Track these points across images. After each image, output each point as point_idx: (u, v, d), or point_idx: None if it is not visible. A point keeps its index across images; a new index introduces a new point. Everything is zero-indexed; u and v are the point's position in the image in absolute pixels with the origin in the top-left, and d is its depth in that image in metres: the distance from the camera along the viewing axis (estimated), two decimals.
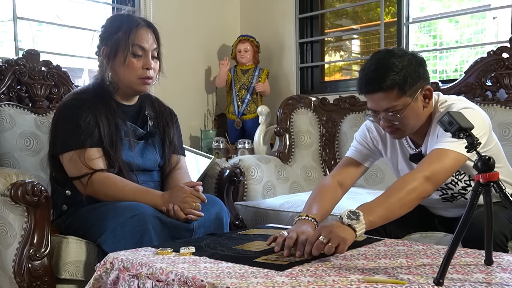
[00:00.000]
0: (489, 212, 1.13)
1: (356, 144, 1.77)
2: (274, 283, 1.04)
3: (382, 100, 1.49)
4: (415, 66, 1.49)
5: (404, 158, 1.70)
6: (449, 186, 1.64)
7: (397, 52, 1.51)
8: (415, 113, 1.52)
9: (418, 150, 1.65)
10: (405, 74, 1.46)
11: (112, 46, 1.75)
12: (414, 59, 1.50)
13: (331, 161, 2.91)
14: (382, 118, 1.53)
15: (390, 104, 1.49)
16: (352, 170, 1.73)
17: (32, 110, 2.22)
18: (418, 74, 1.49)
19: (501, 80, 2.37)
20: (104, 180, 1.68)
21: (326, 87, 3.53)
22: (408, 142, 1.68)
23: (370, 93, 1.51)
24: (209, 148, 3.27)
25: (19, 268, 1.53)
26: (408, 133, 1.58)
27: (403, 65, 1.47)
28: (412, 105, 1.50)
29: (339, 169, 1.74)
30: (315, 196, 1.61)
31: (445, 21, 3.84)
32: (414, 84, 1.48)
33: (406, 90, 1.47)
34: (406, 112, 1.50)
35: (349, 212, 1.30)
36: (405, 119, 1.51)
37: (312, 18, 3.56)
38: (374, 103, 1.52)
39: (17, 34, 2.64)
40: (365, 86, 1.51)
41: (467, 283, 1.04)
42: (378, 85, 1.47)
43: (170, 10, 3.32)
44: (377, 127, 1.73)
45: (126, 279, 1.23)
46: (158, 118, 1.93)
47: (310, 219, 1.45)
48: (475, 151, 1.10)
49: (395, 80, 1.46)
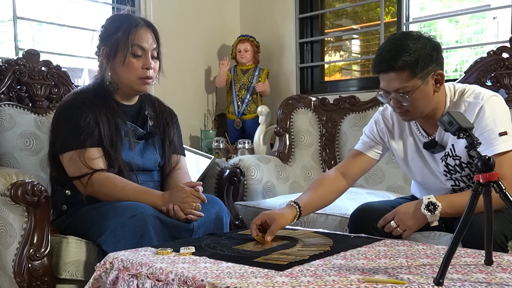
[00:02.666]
0: (489, 212, 1.13)
1: (363, 137, 1.83)
2: (274, 283, 1.04)
3: (393, 81, 1.53)
4: (429, 49, 1.51)
5: (416, 148, 1.72)
6: (464, 180, 1.65)
7: (413, 35, 1.54)
8: (424, 96, 1.54)
9: (430, 138, 1.67)
10: (417, 57, 1.49)
11: (112, 46, 1.75)
12: (429, 42, 1.53)
13: (331, 161, 2.91)
14: (392, 99, 1.56)
15: (400, 85, 1.52)
16: (357, 161, 1.79)
17: (32, 110, 2.22)
18: (430, 58, 1.51)
19: (501, 80, 2.37)
20: (104, 180, 1.68)
21: (326, 87, 3.53)
22: (420, 131, 1.70)
23: (382, 73, 1.55)
24: (209, 148, 3.27)
25: (19, 268, 1.53)
26: (417, 116, 1.61)
27: (416, 48, 1.50)
28: (422, 88, 1.52)
29: (344, 161, 1.82)
30: (311, 186, 1.76)
31: (445, 21, 3.84)
32: (425, 67, 1.51)
33: (417, 72, 1.50)
34: (415, 94, 1.52)
35: (430, 202, 1.46)
36: (414, 101, 1.53)
37: (312, 18, 3.56)
38: (385, 83, 1.56)
39: (17, 34, 2.64)
40: (378, 65, 1.55)
41: (467, 283, 1.04)
42: (390, 65, 1.51)
43: (170, 10, 3.32)
44: (385, 119, 1.78)
45: (125, 279, 1.23)
46: (158, 118, 1.93)
47: (294, 205, 1.61)
48: (475, 151, 1.10)
49: (407, 61, 1.49)
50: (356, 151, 1.81)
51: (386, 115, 1.79)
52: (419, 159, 1.72)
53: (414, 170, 1.76)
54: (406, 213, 1.47)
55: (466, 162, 1.61)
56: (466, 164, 1.62)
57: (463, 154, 1.60)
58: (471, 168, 1.62)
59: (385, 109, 1.81)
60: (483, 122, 1.53)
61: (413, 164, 1.74)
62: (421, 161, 1.72)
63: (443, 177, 1.68)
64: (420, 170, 1.73)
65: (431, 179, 1.72)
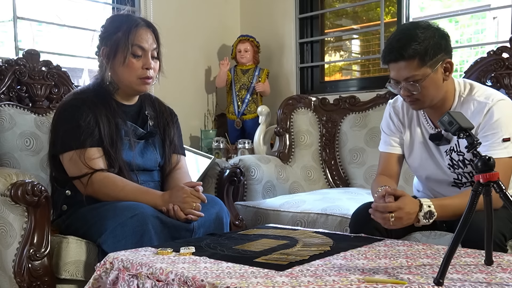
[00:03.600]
0: (489, 212, 1.13)
1: (383, 136, 1.84)
2: (274, 283, 1.04)
3: (403, 69, 1.55)
4: (438, 38, 1.54)
5: (422, 138, 1.73)
6: (466, 176, 1.66)
7: (422, 24, 1.57)
8: (434, 85, 1.57)
9: (437, 130, 1.68)
10: (426, 45, 1.52)
11: (112, 46, 1.75)
12: (438, 32, 1.56)
13: (331, 161, 2.91)
14: (402, 88, 1.59)
15: (410, 74, 1.54)
16: (390, 161, 1.80)
17: (32, 110, 2.22)
18: (439, 46, 1.54)
19: (501, 80, 2.37)
20: (104, 180, 1.68)
21: (326, 87, 3.53)
22: (428, 122, 1.72)
23: (392, 62, 1.57)
24: (209, 148, 3.27)
25: (19, 268, 1.53)
26: (427, 104, 1.62)
27: (425, 36, 1.52)
28: (431, 76, 1.55)
29: (380, 167, 1.82)
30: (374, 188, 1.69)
31: (445, 21, 3.84)
32: (435, 55, 1.53)
33: (427, 61, 1.53)
34: (425, 82, 1.55)
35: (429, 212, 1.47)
36: (424, 89, 1.56)
37: (312, 18, 3.56)
38: (395, 72, 1.58)
39: (17, 34, 2.63)
40: (388, 54, 1.57)
41: (467, 283, 1.04)
42: (400, 54, 1.53)
43: (170, 10, 3.32)
44: (396, 111, 1.80)
45: (125, 279, 1.23)
46: (158, 118, 1.93)
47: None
48: (475, 151, 1.10)
49: (417, 49, 1.51)
50: (383, 154, 1.82)
51: (397, 107, 1.81)
52: (424, 150, 1.73)
53: (418, 161, 1.76)
54: (408, 214, 1.46)
55: (469, 160, 1.62)
56: (469, 161, 1.63)
57: (466, 151, 1.61)
58: (473, 166, 1.62)
59: (395, 101, 1.83)
60: (490, 124, 1.55)
61: (418, 154, 1.75)
62: (427, 152, 1.73)
63: (447, 170, 1.69)
64: (424, 161, 1.74)
65: (435, 170, 1.73)
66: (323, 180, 2.88)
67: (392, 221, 1.45)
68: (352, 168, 2.82)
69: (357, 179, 2.79)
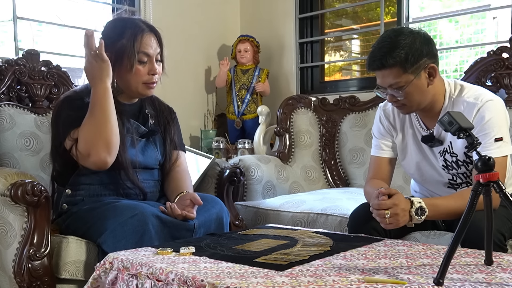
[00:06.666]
0: (489, 212, 1.13)
1: (374, 140, 1.84)
2: (274, 283, 1.04)
3: (386, 77, 1.57)
4: (419, 44, 1.54)
5: (415, 140, 1.74)
6: (460, 177, 1.67)
7: (404, 31, 1.57)
8: (418, 90, 1.58)
9: (429, 132, 1.69)
10: (407, 52, 1.52)
11: (117, 53, 1.72)
12: (420, 37, 1.55)
13: (331, 161, 2.91)
14: (388, 94, 1.61)
15: (393, 81, 1.56)
16: (381, 166, 1.80)
17: (32, 110, 2.22)
18: (421, 52, 1.54)
19: (501, 80, 2.37)
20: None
21: (326, 87, 3.53)
22: (420, 124, 1.72)
23: (375, 70, 1.59)
24: (209, 148, 3.27)
25: (19, 268, 1.53)
26: (414, 109, 1.64)
27: (405, 43, 1.53)
28: (415, 82, 1.56)
29: (371, 171, 1.82)
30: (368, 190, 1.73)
31: (445, 21, 3.84)
32: (416, 62, 1.54)
33: (408, 68, 1.53)
34: (409, 88, 1.56)
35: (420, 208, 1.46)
36: (408, 95, 1.57)
37: (312, 18, 3.56)
38: (380, 79, 1.60)
39: (17, 34, 2.64)
40: (371, 63, 1.59)
41: (467, 283, 1.04)
42: (381, 62, 1.55)
43: (170, 10, 3.32)
44: (386, 114, 1.81)
45: (124, 279, 1.23)
46: (159, 117, 1.93)
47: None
48: (475, 151, 1.10)
49: (397, 57, 1.52)
50: (374, 158, 1.82)
51: (387, 110, 1.82)
52: (418, 152, 1.74)
53: (412, 163, 1.77)
54: (404, 210, 1.46)
55: (462, 161, 1.63)
56: (462, 162, 1.63)
57: (459, 152, 1.62)
58: (467, 167, 1.64)
59: (385, 104, 1.84)
60: (481, 125, 1.54)
61: (413, 156, 1.75)
62: (421, 154, 1.73)
63: (442, 171, 1.69)
64: (419, 163, 1.75)
65: (429, 172, 1.73)
66: (323, 180, 2.88)
67: (388, 218, 1.45)
68: (352, 168, 2.83)
69: (357, 179, 2.80)
